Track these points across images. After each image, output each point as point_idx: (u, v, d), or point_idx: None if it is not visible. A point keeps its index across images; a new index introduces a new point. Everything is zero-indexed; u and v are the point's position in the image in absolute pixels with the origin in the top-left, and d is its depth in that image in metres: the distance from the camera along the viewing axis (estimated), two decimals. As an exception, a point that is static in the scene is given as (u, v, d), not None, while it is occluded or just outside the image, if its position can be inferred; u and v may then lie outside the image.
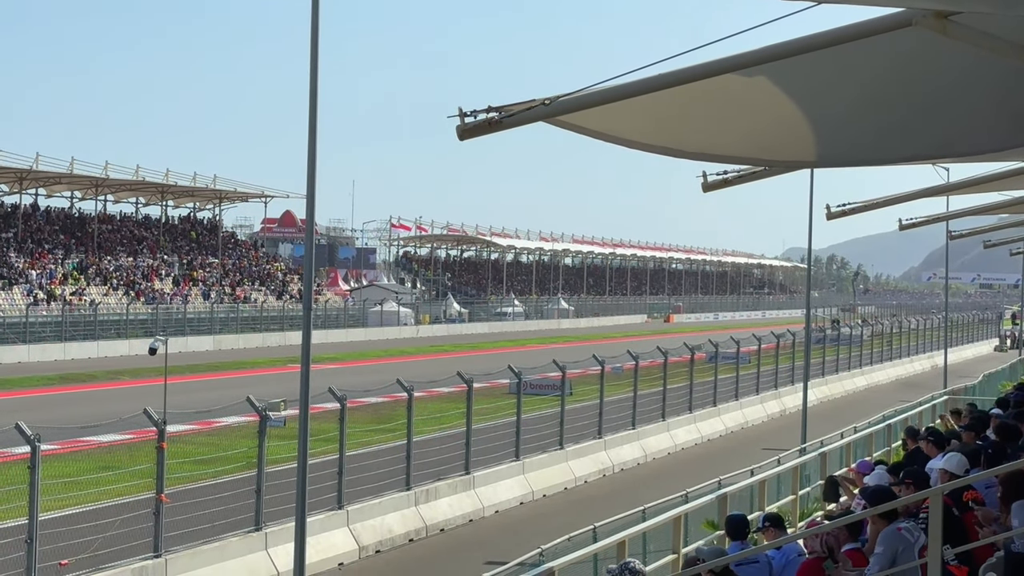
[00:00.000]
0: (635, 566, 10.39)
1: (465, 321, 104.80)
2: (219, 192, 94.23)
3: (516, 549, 18.33)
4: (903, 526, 10.37)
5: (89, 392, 46.55)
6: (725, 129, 10.42)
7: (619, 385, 35.85)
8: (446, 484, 25.71)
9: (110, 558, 17.74)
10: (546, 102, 8.17)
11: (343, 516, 22.42)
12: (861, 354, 61.21)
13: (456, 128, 8.28)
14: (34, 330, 66.19)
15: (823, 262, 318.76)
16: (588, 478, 31.07)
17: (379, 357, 66.85)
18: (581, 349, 54.88)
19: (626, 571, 10.33)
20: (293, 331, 76.11)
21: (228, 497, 20.75)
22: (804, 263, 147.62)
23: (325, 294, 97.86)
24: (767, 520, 12.93)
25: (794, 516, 20.66)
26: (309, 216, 15.20)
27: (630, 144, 10.09)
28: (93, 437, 27.48)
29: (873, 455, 24.54)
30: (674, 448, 36.51)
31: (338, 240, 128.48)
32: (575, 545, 14.71)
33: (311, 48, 14.76)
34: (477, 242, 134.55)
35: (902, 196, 15.33)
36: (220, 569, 19.31)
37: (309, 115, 14.85)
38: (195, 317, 78.14)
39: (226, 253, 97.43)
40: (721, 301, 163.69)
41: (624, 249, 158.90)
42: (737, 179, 11.42)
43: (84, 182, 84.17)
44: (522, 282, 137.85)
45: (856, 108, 9.83)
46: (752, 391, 45.14)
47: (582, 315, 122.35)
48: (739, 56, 7.76)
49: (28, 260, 77.74)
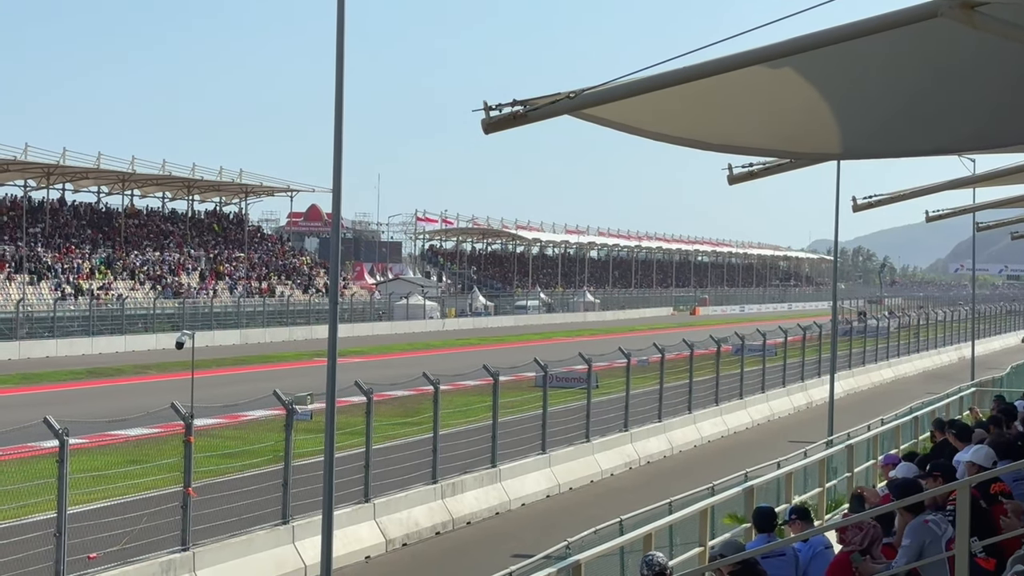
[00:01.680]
0: (654, 559, 10.45)
1: (491, 314, 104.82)
2: (245, 186, 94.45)
3: (542, 542, 18.35)
4: (930, 518, 10.35)
5: (117, 386, 46.74)
6: (751, 121, 10.39)
7: (645, 378, 35.81)
8: (472, 477, 25.73)
9: (138, 551, 17.82)
10: (571, 95, 8.16)
11: (370, 509, 22.47)
12: (888, 346, 61.01)
13: (481, 122, 8.27)
14: (62, 324, 66.48)
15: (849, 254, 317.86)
16: (614, 471, 31.07)
17: (405, 350, 66.96)
18: (607, 342, 54.84)
19: (643, 564, 10.42)
20: (319, 325, 76.35)
21: (255, 491, 20.81)
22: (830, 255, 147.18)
23: (351, 288, 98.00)
24: (794, 512, 12.92)
25: (821, 509, 20.61)
26: (335, 210, 15.22)
27: (655, 136, 10.07)
28: (121, 431, 27.54)
29: (900, 447, 24.47)
30: (700, 441, 36.47)
31: (364, 234, 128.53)
32: (601, 538, 14.70)
33: (337, 42, 14.78)
34: (502, 235, 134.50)
35: (929, 188, 15.27)
36: (247, 562, 19.38)
37: (335, 109, 14.87)
38: (221, 311, 78.38)
39: (252, 247, 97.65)
40: (747, 293, 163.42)
41: (650, 242, 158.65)
42: (763, 171, 11.39)
43: (111, 177, 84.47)
44: (548, 275, 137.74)
45: (882, 100, 9.79)
46: (779, 383, 45.05)
47: (608, 308, 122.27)
48: (765, 48, 7.74)
49: (56, 255, 78.10)
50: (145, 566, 17.58)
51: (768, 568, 11.18)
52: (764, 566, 11.01)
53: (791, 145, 11.01)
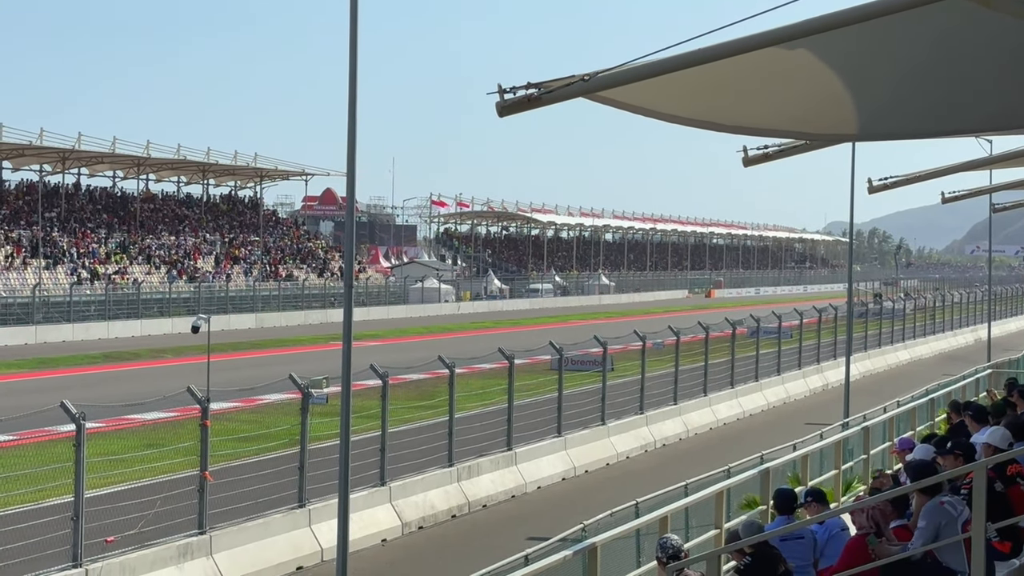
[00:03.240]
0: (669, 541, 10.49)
1: (506, 297, 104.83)
2: (260, 170, 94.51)
3: (558, 525, 18.33)
4: (946, 500, 10.34)
5: (133, 370, 46.86)
6: (766, 103, 10.37)
7: (660, 360, 35.79)
8: (488, 460, 25.76)
9: (156, 535, 17.87)
10: (585, 78, 8.14)
11: (386, 492, 22.50)
12: (904, 328, 60.88)
13: (496, 105, 8.27)
14: (78, 309, 66.65)
15: (865, 236, 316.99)
16: (630, 453, 31.08)
17: (420, 334, 66.99)
18: (622, 325, 54.84)
19: (658, 546, 10.47)
20: (334, 308, 76.48)
21: (272, 474, 20.86)
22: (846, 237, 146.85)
23: (366, 271, 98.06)
24: (810, 495, 12.93)
25: (837, 491, 20.58)
26: (350, 194, 15.19)
27: (670, 119, 10.06)
28: (137, 415, 27.64)
29: (916, 429, 24.42)
30: (716, 423, 36.47)
31: (378, 217, 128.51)
32: (617, 520, 14.69)
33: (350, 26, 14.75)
34: (517, 218, 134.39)
35: (945, 169, 15.23)
36: (264, 545, 19.43)
37: (349, 93, 14.84)
38: (237, 295, 78.48)
39: (267, 231, 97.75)
40: (762, 276, 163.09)
41: (665, 224, 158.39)
42: (778, 153, 11.38)
43: (126, 161, 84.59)
44: (562, 258, 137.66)
45: (898, 81, 9.77)
46: (794, 366, 45.00)
47: (623, 291, 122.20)
48: (779, 29, 7.71)
49: (71, 239, 78.27)
50: (162, 549, 17.63)
51: (787, 551, 11.19)
52: (783, 549, 11.02)
53: (806, 127, 11.00)
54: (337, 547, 15.53)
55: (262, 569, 19.24)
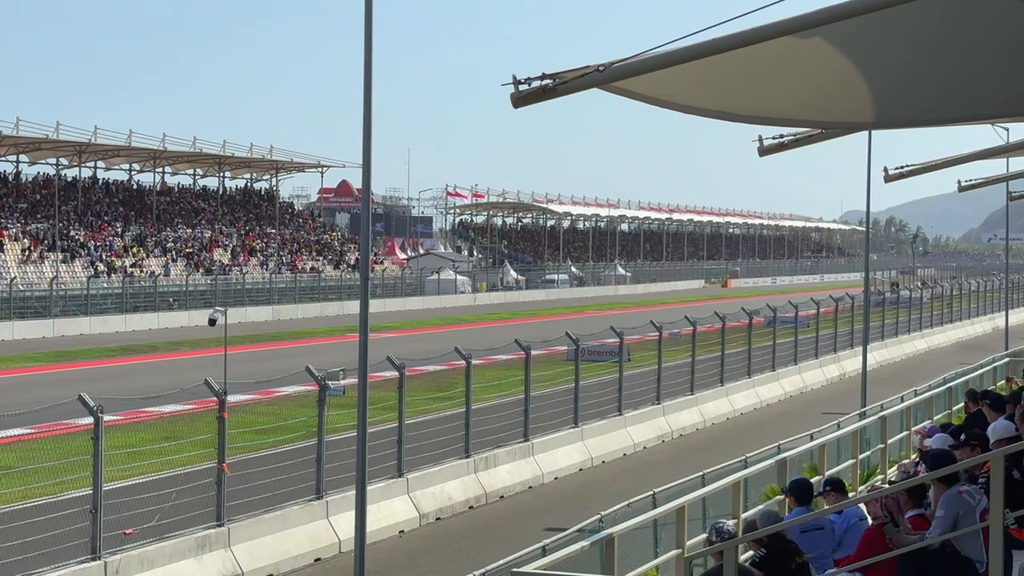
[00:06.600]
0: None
1: (522, 288, 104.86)
2: (276, 163, 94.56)
3: (576, 515, 18.35)
4: (964, 489, 10.32)
5: (150, 363, 46.97)
6: (781, 92, 10.35)
7: (677, 351, 35.75)
8: (505, 451, 25.76)
9: (174, 527, 17.91)
10: (600, 69, 8.13)
11: (403, 484, 22.52)
12: (921, 317, 60.72)
13: (510, 96, 8.26)
14: (95, 302, 66.83)
15: (882, 225, 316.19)
16: (647, 444, 31.07)
17: (437, 325, 67.04)
18: (639, 315, 54.76)
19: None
20: (351, 300, 76.50)
21: (289, 466, 20.87)
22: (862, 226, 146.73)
23: (382, 263, 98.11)
24: (828, 484, 12.92)
25: (855, 480, 20.56)
26: (365, 185, 15.20)
27: (685, 109, 10.05)
28: (155, 408, 27.70)
29: (934, 418, 24.38)
30: (733, 413, 36.43)
31: (394, 209, 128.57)
32: (634, 511, 14.69)
33: (365, 17, 14.76)
34: (533, 209, 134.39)
35: (961, 157, 15.19)
36: (282, 537, 19.46)
37: (364, 84, 14.86)
38: (253, 288, 78.63)
39: (283, 223, 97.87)
40: (779, 265, 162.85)
41: (680, 214, 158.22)
42: (793, 143, 11.36)
43: (142, 154, 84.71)
44: (579, 249, 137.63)
45: (914, 69, 9.74)
46: (811, 355, 44.94)
47: (639, 281, 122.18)
48: (794, 18, 7.69)
49: (88, 232, 78.46)
50: (180, 542, 17.66)
51: (808, 541, 11.18)
52: (804, 540, 11.01)
53: (822, 115, 10.97)
54: (355, 539, 15.58)
55: (280, 561, 19.28)
